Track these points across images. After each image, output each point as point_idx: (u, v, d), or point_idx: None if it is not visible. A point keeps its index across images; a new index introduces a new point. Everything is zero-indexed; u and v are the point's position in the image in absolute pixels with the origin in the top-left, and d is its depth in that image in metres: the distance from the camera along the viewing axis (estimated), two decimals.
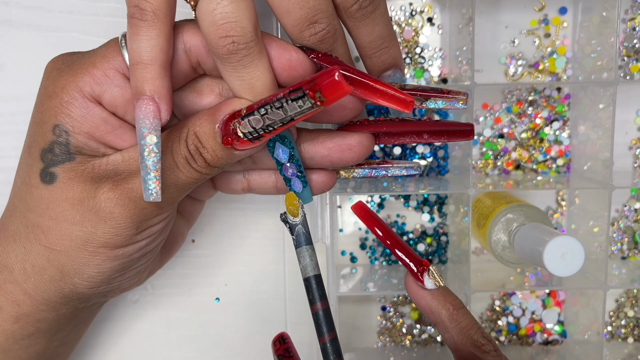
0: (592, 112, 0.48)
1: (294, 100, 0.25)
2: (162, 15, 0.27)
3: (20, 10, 0.44)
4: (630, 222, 0.52)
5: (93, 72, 0.29)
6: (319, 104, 0.24)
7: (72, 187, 0.30)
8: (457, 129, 0.32)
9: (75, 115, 0.30)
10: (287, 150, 0.30)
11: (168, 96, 0.28)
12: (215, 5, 0.26)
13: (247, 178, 0.35)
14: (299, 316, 0.48)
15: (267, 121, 0.26)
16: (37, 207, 0.30)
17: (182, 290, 0.48)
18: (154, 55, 0.27)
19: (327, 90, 0.24)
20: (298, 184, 0.31)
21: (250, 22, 0.27)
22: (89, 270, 0.31)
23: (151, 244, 0.32)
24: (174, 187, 0.30)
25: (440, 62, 0.50)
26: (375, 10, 0.31)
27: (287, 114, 0.25)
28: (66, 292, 0.32)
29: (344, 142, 0.31)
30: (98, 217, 0.29)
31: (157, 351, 0.49)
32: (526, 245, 0.43)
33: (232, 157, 0.29)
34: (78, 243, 0.30)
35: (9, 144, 0.45)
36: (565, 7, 0.50)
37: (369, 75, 0.29)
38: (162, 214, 0.31)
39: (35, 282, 0.31)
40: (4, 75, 0.45)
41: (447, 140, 0.32)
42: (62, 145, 0.30)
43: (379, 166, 0.34)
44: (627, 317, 0.52)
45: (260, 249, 0.48)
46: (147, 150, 0.27)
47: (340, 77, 0.23)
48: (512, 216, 0.46)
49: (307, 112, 0.25)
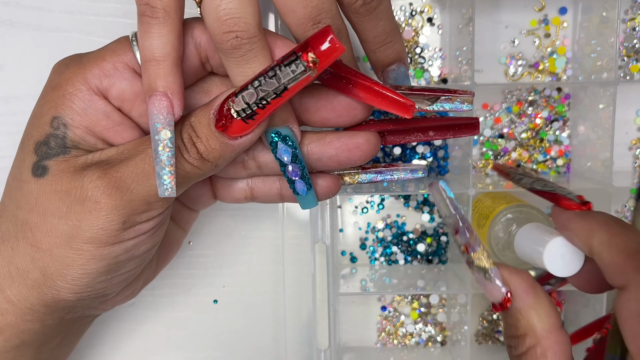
0: (592, 112, 0.48)
1: (287, 65, 0.25)
2: (172, 12, 0.27)
3: (20, 10, 0.44)
4: (630, 222, 0.52)
5: (102, 65, 0.29)
6: (311, 67, 0.24)
7: (62, 178, 0.29)
8: (463, 123, 0.32)
9: (77, 108, 0.29)
10: (289, 150, 0.30)
11: (180, 92, 0.28)
12: (219, 2, 0.26)
13: (250, 185, 0.34)
14: (298, 316, 0.48)
15: (261, 93, 0.26)
16: (26, 203, 0.30)
17: (182, 290, 0.48)
18: (165, 51, 0.27)
19: (320, 50, 0.24)
20: (302, 186, 0.31)
21: (254, 18, 0.27)
22: (73, 272, 0.30)
23: (139, 247, 0.31)
24: None
25: (440, 62, 0.50)
26: (379, 5, 0.31)
27: (281, 81, 0.25)
28: (48, 298, 0.30)
29: (352, 141, 0.31)
30: (84, 208, 0.29)
31: (157, 351, 0.49)
32: (526, 245, 0.43)
33: (226, 149, 0.28)
34: (63, 239, 0.29)
35: (9, 144, 0.45)
36: (565, 7, 0.50)
37: (371, 79, 0.29)
38: (151, 211, 0.30)
39: (19, 287, 0.30)
40: (4, 75, 0.45)
41: (453, 135, 0.32)
42: (59, 139, 0.29)
43: (384, 170, 0.34)
44: None
45: (260, 249, 0.48)
46: (161, 145, 0.27)
47: (334, 36, 0.23)
48: (512, 216, 0.46)
49: (300, 79, 0.25)
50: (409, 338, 0.52)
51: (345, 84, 0.29)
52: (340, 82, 0.29)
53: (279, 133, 0.30)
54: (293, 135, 0.30)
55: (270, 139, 0.30)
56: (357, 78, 0.28)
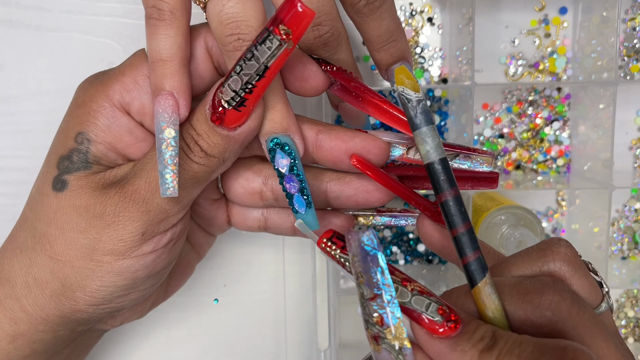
0: (592, 112, 0.48)
1: (261, 43, 0.25)
2: (179, 14, 0.28)
3: (20, 10, 0.44)
4: (631, 222, 0.52)
5: (122, 80, 0.30)
6: (285, 39, 0.24)
7: (81, 194, 0.30)
8: (482, 177, 0.32)
9: (101, 124, 0.30)
10: (287, 158, 0.29)
11: (187, 92, 0.28)
12: (222, 7, 0.27)
13: (265, 216, 0.34)
14: (299, 316, 0.48)
15: (245, 77, 0.26)
16: (45, 215, 0.30)
17: (182, 290, 0.48)
18: (172, 52, 0.28)
19: (290, 19, 0.23)
20: (301, 201, 0.29)
21: (257, 20, 0.27)
22: (92, 284, 0.30)
23: (157, 264, 0.31)
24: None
25: (441, 62, 0.50)
26: (383, 5, 0.31)
27: (260, 61, 0.25)
28: (66, 309, 0.31)
29: (371, 183, 0.31)
30: (103, 222, 0.29)
31: (157, 351, 0.49)
32: None
33: (228, 142, 0.28)
34: (83, 252, 0.29)
35: (9, 144, 0.46)
36: (565, 7, 0.50)
37: (380, 95, 0.29)
38: (169, 219, 0.30)
39: (36, 297, 0.31)
40: (4, 75, 0.45)
41: (471, 187, 0.32)
42: (82, 153, 0.30)
43: (399, 215, 0.34)
44: (627, 317, 0.52)
45: (260, 249, 0.48)
46: (165, 144, 0.27)
47: (301, 3, 0.23)
48: (503, 217, 0.46)
49: (278, 53, 0.25)
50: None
51: (355, 98, 0.29)
52: (350, 96, 0.29)
53: (277, 141, 0.29)
54: (293, 144, 0.29)
55: (268, 146, 0.29)
56: (366, 95, 0.29)
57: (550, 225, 0.52)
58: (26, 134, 0.45)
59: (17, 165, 0.46)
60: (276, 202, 0.33)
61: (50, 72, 0.45)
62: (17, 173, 0.46)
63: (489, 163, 0.30)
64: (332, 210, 0.33)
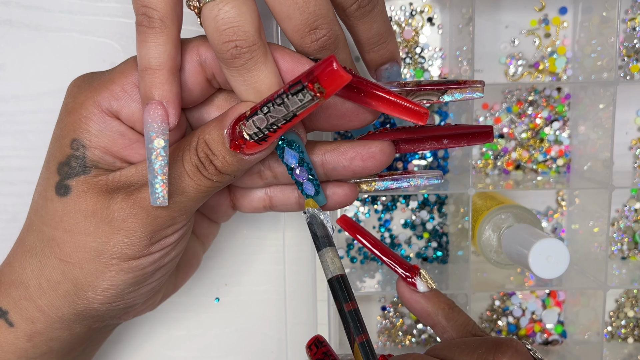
0: (592, 112, 0.48)
1: (294, 95, 0.25)
2: (169, 22, 0.27)
3: (20, 10, 0.44)
4: (630, 222, 0.52)
5: (111, 88, 0.30)
6: (319, 96, 0.24)
7: (86, 199, 0.30)
8: (477, 131, 0.32)
9: (93, 130, 0.30)
10: (295, 154, 0.30)
11: (176, 101, 0.28)
12: (217, 12, 0.26)
13: (269, 195, 0.34)
14: (298, 316, 0.48)
15: (271, 119, 0.26)
16: (51, 220, 0.30)
17: (182, 290, 0.48)
18: (162, 60, 0.27)
19: (326, 80, 0.24)
20: (310, 187, 0.31)
21: (253, 25, 0.27)
22: (103, 283, 0.30)
23: (165, 258, 0.32)
24: (186, 196, 0.30)
25: (440, 62, 0.50)
26: (374, 8, 0.31)
27: (289, 109, 0.25)
28: (80, 308, 0.31)
29: (366, 151, 0.31)
30: (111, 227, 0.29)
31: (157, 351, 0.49)
32: (513, 246, 0.43)
33: (243, 164, 0.29)
34: (92, 254, 0.30)
35: (9, 144, 0.46)
36: (565, 7, 0.50)
37: (382, 87, 0.29)
38: (176, 225, 0.31)
39: (50, 297, 0.31)
40: (4, 75, 0.45)
41: (467, 143, 0.32)
42: (79, 159, 0.30)
43: (401, 177, 0.34)
44: (627, 318, 0.52)
45: (260, 249, 0.48)
46: (154, 154, 0.27)
47: (338, 66, 0.23)
48: (502, 217, 0.46)
49: (309, 106, 0.25)
50: (409, 338, 0.52)
51: (357, 93, 0.29)
52: (352, 92, 0.29)
53: (284, 139, 0.30)
54: (299, 139, 0.30)
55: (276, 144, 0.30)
56: (369, 88, 0.28)
57: (550, 225, 0.52)
58: (26, 134, 0.45)
59: (17, 165, 0.46)
60: (276, 180, 0.33)
61: (50, 72, 0.45)
62: (17, 173, 0.46)
63: (481, 90, 0.31)
64: (335, 181, 0.33)
